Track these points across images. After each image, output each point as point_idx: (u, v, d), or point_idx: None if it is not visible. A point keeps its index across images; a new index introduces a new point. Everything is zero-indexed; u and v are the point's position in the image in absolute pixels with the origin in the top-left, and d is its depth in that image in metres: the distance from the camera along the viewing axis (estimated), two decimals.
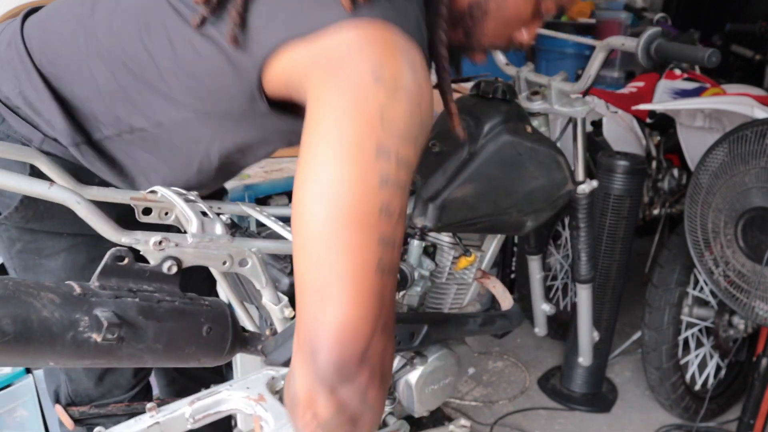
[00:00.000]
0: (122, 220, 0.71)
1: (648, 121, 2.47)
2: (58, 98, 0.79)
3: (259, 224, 0.93)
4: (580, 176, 1.32)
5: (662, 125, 2.49)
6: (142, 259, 0.68)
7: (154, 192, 0.78)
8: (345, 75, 0.61)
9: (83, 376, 1.01)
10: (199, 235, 0.70)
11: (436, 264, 1.11)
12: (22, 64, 0.80)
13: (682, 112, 2.20)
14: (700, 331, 2.10)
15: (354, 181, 0.59)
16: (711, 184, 1.73)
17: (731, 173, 1.68)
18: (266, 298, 0.79)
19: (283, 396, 0.66)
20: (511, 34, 0.86)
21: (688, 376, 2.10)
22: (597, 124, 2.24)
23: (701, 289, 2.03)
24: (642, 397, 2.24)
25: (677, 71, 2.51)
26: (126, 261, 0.63)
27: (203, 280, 1.12)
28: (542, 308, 1.55)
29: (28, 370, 1.61)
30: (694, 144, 2.24)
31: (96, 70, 0.78)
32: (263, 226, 0.94)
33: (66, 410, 1.00)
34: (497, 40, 0.86)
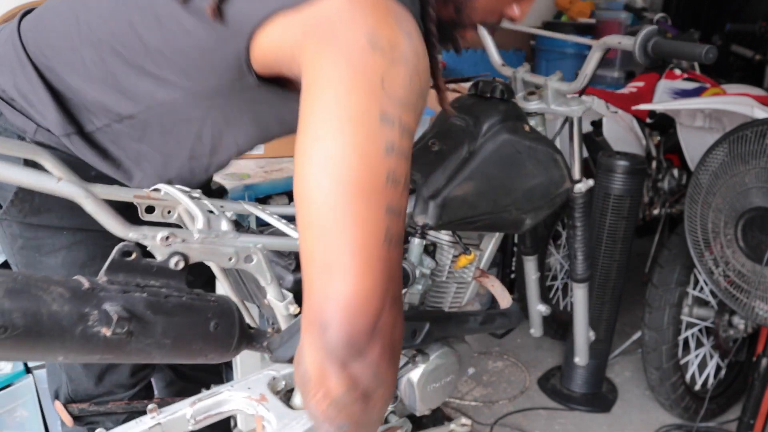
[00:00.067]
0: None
1: (648, 121, 2.47)
2: (51, 90, 0.80)
3: (260, 224, 0.93)
4: (577, 175, 1.33)
5: (662, 125, 2.49)
6: (148, 255, 0.68)
7: (157, 190, 0.79)
8: (339, 42, 0.59)
9: (83, 376, 1.01)
10: (206, 231, 0.70)
11: (437, 262, 1.12)
12: (18, 58, 0.81)
13: (682, 112, 2.20)
14: (700, 331, 2.10)
15: (361, 150, 0.57)
16: (711, 184, 1.73)
17: (731, 173, 1.68)
18: (270, 294, 0.79)
19: (286, 393, 0.66)
20: (503, 9, 0.85)
21: (688, 376, 2.11)
22: (597, 124, 2.23)
23: (701, 289, 2.03)
24: (642, 397, 2.24)
25: (677, 71, 2.51)
26: (134, 256, 0.63)
27: (203, 285, 1.12)
28: (537, 309, 1.56)
29: (28, 370, 1.61)
30: (694, 144, 2.24)
31: (87, 57, 0.78)
32: (264, 226, 0.94)
33: (65, 407, 1.00)
34: (488, 15, 0.85)
